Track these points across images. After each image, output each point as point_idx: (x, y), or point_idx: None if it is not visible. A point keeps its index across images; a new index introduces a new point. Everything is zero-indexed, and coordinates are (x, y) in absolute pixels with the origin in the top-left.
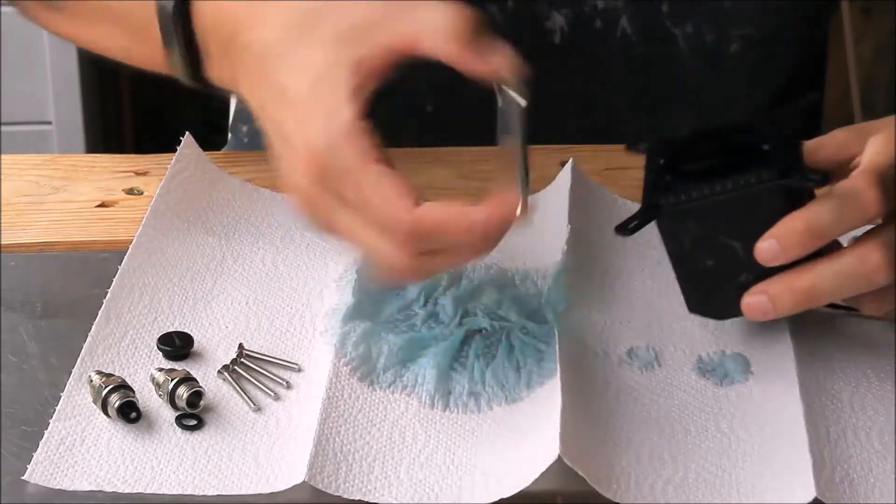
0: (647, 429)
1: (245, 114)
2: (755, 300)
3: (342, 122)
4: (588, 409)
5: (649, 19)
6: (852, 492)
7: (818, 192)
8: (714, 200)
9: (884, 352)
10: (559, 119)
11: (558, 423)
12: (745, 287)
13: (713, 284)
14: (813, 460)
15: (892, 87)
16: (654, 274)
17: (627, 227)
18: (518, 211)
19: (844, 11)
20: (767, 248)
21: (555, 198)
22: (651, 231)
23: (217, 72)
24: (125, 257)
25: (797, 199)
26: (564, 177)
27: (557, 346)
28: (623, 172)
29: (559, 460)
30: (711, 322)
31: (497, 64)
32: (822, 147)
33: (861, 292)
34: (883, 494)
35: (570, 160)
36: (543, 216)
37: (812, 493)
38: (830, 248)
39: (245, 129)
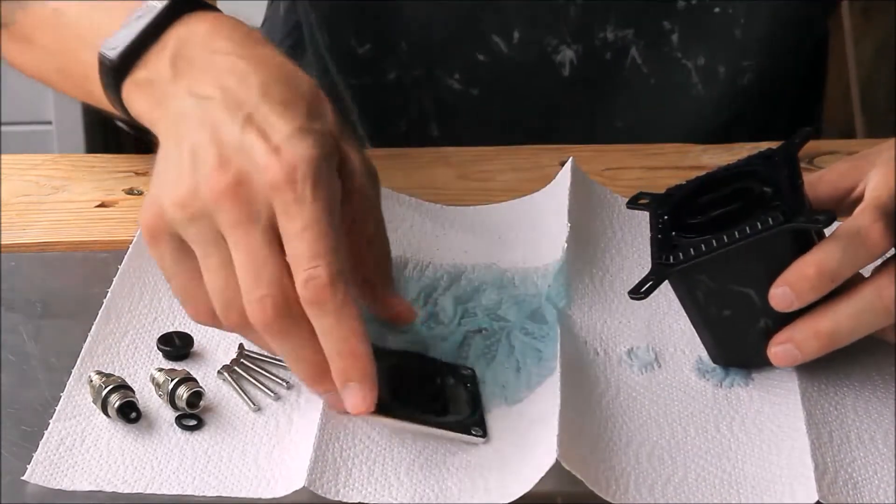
0: (646, 429)
1: None
2: (781, 349)
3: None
4: (588, 409)
5: (660, 50)
6: (856, 494)
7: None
8: (722, 253)
9: (887, 354)
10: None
11: (557, 425)
12: (765, 333)
13: (734, 334)
14: (815, 465)
15: (892, 87)
16: None
17: (640, 291)
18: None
19: (844, 11)
20: (781, 294)
21: (555, 197)
22: None
23: (145, 70)
24: (125, 257)
25: (805, 239)
26: (564, 176)
27: (558, 346)
28: (623, 172)
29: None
30: None
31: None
32: (822, 179)
33: (884, 326)
34: (888, 496)
35: (570, 160)
36: (543, 215)
37: (814, 497)
38: (851, 280)
39: None
